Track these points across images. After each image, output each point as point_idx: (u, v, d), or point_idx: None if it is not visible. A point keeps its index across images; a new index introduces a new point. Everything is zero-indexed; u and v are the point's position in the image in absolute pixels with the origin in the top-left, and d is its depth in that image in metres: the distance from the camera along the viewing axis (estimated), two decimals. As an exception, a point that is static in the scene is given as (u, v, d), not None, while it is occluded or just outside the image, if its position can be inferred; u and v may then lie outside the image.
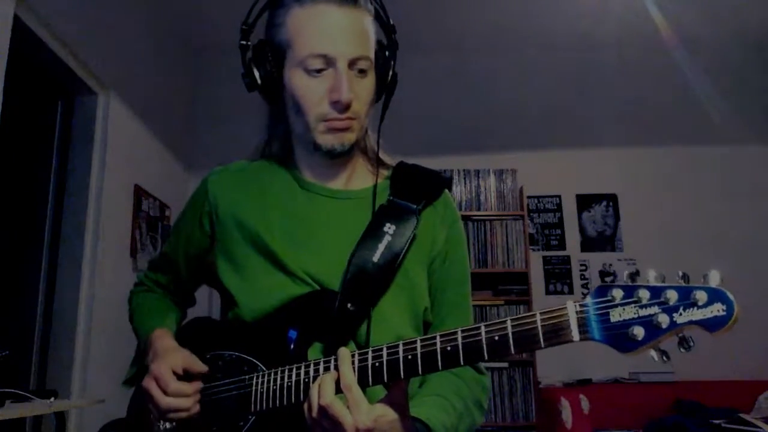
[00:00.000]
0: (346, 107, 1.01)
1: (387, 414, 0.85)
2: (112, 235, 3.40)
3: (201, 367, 1.04)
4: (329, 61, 1.01)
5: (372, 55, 1.06)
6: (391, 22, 1.13)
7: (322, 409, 0.84)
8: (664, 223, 4.61)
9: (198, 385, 1.04)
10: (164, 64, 4.34)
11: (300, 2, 1.02)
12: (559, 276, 4.62)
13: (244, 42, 1.10)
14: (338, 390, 0.86)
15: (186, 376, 1.03)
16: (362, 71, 1.03)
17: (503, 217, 4.43)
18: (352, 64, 1.02)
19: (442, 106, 4.85)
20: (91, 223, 3.25)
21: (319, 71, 1.01)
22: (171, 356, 1.04)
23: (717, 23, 4.53)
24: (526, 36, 4.77)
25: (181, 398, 1.01)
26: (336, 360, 0.88)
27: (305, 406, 0.87)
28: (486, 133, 4.83)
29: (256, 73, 1.08)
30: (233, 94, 4.67)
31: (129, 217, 3.65)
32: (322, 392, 0.84)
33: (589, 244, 4.69)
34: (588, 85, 4.88)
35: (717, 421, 3.55)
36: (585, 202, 4.75)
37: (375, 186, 1.12)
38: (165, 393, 1.00)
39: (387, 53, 1.11)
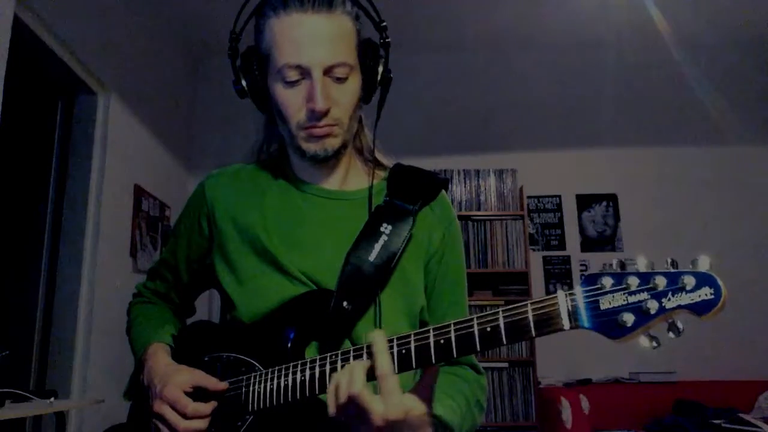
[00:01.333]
0: (323, 115, 1.02)
1: (417, 408, 0.83)
2: (112, 235, 3.40)
3: (218, 384, 1.01)
4: (304, 71, 1.01)
5: (352, 59, 1.04)
6: (382, 20, 1.12)
7: (351, 398, 0.81)
8: (664, 223, 4.61)
9: (213, 404, 1.00)
10: (164, 64, 4.35)
11: (275, 12, 1.02)
12: (559, 276, 4.62)
13: (230, 51, 1.11)
14: (369, 377, 0.84)
15: (194, 392, 1.01)
16: (341, 77, 1.03)
17: (503, 217, 4.43)
18: (328, 71, 1.01)
19: (442, 105, 4.86)
20: (91, 223, 3.25)
21: (296, 81, 1.02)
22: (178, 376, 1.01)
23: (717, 23, 4.53)
24: (526, 36, 4.78)
25: (198, 420, 0.98)
26: (368, 348, 0.86)
27: (331, 390, 0.84)
28: (486, 133, 4.83)
29: (244, 82, 1.09)
30: (233, 95, 4.71)
31: (129, 217, 3.66)
32: (353, 380, 0.82)
33: (589, 244, 4.69)
34: (588, 85, 4.88)
35: (717, 421, 3.55)
36: (585, 202, 4.75)
37: (371, 187, 1.12)
38: (184, 416, 0.97)
39: (376, 53, 1.10)
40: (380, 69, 1.11)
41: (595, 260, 4.64)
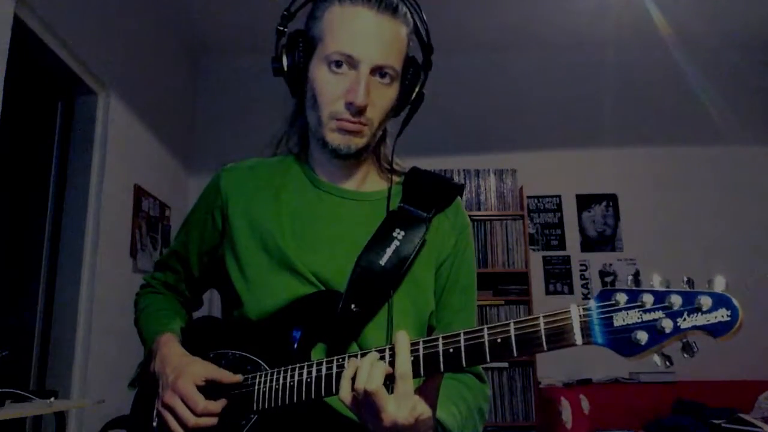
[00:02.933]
0: (359, 111, 1.02)
1: (426, 413, 0.83)
2: (112, 235, 3.40)
3: (232, 377, 1.00)
4: (353, 63, 1.01)
5: (398, 67, 1.05)
6: (431, 44, 1.13)
7: (367, 394, 0.81)
8: (664, 223, 4.61)
9: (223, 402, 0.99)
10: (164, 64, 4.34)
11: (340, 0, 1.03)
12: (559, 276, 4.62)
13: (280, 27, 1.11)
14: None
15: (206, 386, 1.00)
16: (384, 80, 1.03)
17: (503, 217, 4.43)
18: (375, 70, 1.02)
19: (443, 106, 4.84)
20: (91, 223, 3.24)
21: (341, 70, 1.02)
22: (192, 368, 1.00)
23: (717, 23, 4.53)
24: (526, 36, 4.77)
25: (208, 417, 0.97)
26: (391, 349, 0.85)
27: (347, 375, 0.84)
28: (486, 133, 4.83)
29: (285, 60, 1.09)
30: (233, 95, 4.73)
31: (129, 217, 3.65)
32: (372, 377, 0.81)
33: (589, 244, 4.69)
34: (588, 85, 4.88)
35: (717, 421, 3.55)
36: (585, 202, 4.75)
37: (390, 189, 1.12)
38: (194, 413, 0.96)
39: (417, 71, 1.11)
40: (417, 88, 1.12)
41: (595, 260, 4.65)
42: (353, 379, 0.84)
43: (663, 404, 3.96)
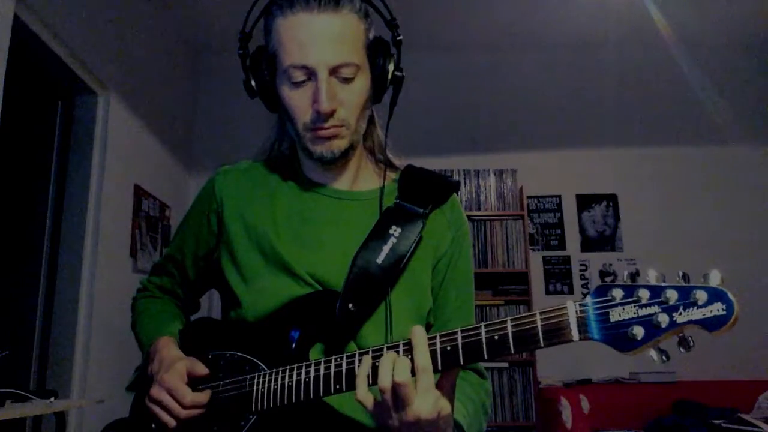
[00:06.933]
0: (329, 116, 1.01)
1: (446, 408, 0.83)
2: (112, 235, 3.40)
3: (202, 369, 1.01)
4: (310, 72, 1.00)
5: (359, 59, 1.03)
6: (393, 18, 1.10)
7: (396, 387, 0.80)
8: (664, 223, 4.61)
9: (209, 392, 1.01)
10: (164, 64, 4.34)
11: (282, 11, 1.01)
12: (559, 276, 4.62)
13: (241, 51, 1.10)
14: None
15: (191, 382, 1.02)
16: (347, 78, 1.02)
17: (503, 217, 4.43)
18: (334, 71, 1.00)
19: (443, 106, 4.85)
20: (91, 223, 3.24)
21: (302, 82, 1.01)
22: (179, 365, 1.01)
23: (717, 23, 4.53)
24: (526, 36, 4.77)
25: (196, 409, 0.99)
26: (405, 343, 0.84)
27: (363, 372, 0.83)
28: (486, 133, 4.83)
29: (253, 82, 1.09)
30: (233, 95, 4.72)
31: (129, 217, 3.65)
32: (399, 368, 0.80)
33: (589, 244, 4.68)
34: (588, 85, 4.88)
35: (717, 421, 3.55)
36: (585, 202, 4.75)
37: (382, 188, 1.12)
38: (182, 405, 0.97)
39: (386, 51, 1.09)
40: (390, 68, 1.09)
41: (595, 260, 4.65)
42: (368, 376, 0.83)
43: (663, 404, 3.95)
